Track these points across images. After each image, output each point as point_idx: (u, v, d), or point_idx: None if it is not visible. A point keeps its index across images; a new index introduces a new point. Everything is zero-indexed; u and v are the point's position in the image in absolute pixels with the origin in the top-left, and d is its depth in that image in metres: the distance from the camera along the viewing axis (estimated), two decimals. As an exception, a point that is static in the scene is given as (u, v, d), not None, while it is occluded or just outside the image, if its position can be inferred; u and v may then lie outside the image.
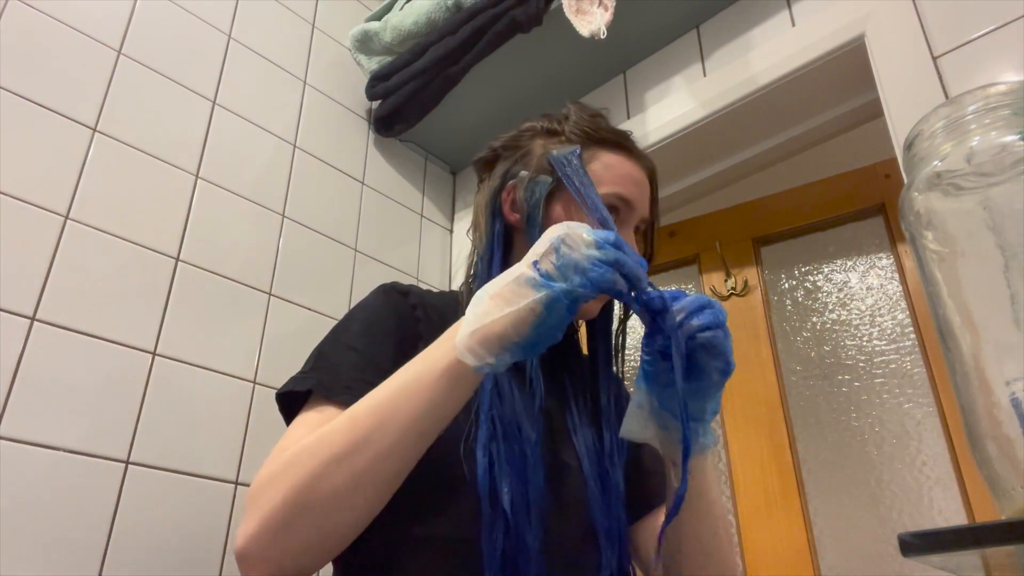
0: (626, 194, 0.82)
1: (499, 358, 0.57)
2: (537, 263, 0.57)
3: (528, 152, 0.86)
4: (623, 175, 0.83)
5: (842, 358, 1.51)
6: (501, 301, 0.57)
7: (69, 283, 1.07)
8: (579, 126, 0.85)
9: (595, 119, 0.87)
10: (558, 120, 0.87)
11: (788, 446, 1.43)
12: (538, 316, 0.56)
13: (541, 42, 1.44)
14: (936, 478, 1.30)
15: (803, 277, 1.63)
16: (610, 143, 0.84)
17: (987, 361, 0.54)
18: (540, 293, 0.56)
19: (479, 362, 0.56)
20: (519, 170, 0.84)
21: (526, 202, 0.82)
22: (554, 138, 0.85)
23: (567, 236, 0.57)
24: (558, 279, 0.56)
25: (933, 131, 0.62)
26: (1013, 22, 0.97)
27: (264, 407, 1.24)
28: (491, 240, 0.84)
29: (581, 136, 0.84)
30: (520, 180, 0.83)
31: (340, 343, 0.75)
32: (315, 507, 0.58)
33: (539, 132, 0.87)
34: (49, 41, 1.16)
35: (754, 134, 1.39)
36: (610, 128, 0.87)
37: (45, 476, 0.97)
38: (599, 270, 0.56)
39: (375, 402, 0.61)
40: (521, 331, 0.56)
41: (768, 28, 1.31)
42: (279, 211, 1.40)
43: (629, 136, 0.87)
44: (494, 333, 0.56)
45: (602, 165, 0.82)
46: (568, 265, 0.56)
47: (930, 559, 0.48)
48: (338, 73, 1.66)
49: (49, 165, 1.10)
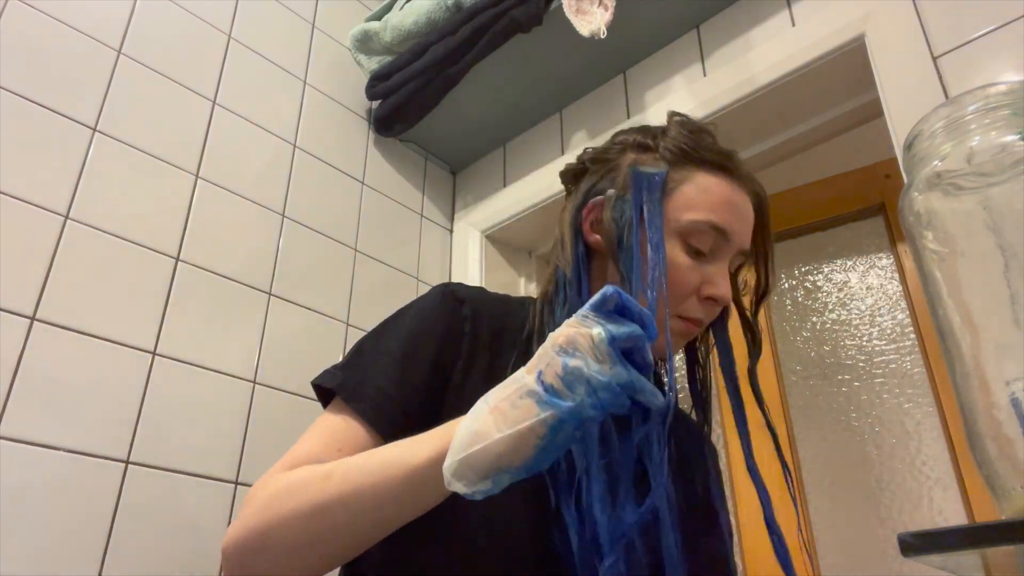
0: (720, 223, 0.73)
1: (496, 481, 0.50)
2: (541, 374, 0.50)
3: (616, 167, 0.78)
4: (719, 201, 0.74)
5: (842, 358, 1.51)
6: (500, 418, 0.50)
7: (69, 283, 1.07)
8: (676, 142, 0.77)
9: (697, 135, 0.78)
10: (654, 135, 0.79)
11: (788, 446, 1.43)
12: (542, 439, 0.49)
13: (541, 42, 1.44)
14: (936, 478, 1.30)
15: (803, 277, 1.63)
16: (710, 163, 0.75)
17: (987, 361, 0.54)
18: (544, 413, 0.49)
19: (470, 489, 0.50)
20: (605, 187, 0.77)
21: (615, 223, 0.73)
22: (646, 154, 0.77)
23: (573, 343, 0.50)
24: (565, 396, 0.49)
25: (933, 131, 0.62)
26: (1013, 22, 0.97)
27: (264, 407, 1.24)
28: (577, 262, 0.76)
29: (676, 153, 0.76)
30: (607, 199, 0.76)
31: (381, 344, 0.72)
32: (274, 548, 0.60)
33: (631, 146, 0.79)
34: (49, 41, 1.16)
35: (754, 134, 1.39)
36: (713, 147, 0.78)
37: (45, 476, 0.97)
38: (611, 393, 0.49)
39: (350, 470, 0.59)
40: (522, 454, 0.49)
41: (768, 28, 1.31)
42: (279, 211, 1.40)
43: (734, 156, 0.78)
44: (489, 456, 0.49)
45: (696, 188, 0.74)
46: (576, 379, 0.49)
47: (930, 559, 0.48)
48: (338, 73, 1.66)
49: (49, 165, 1.10)
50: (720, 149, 0.78)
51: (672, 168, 0.75)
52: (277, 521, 0.59)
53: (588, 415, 0.49)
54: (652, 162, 0.76)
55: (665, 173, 0.74)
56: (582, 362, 0.49)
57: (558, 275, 0.77)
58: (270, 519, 0.60)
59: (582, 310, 0.52)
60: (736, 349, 0.80)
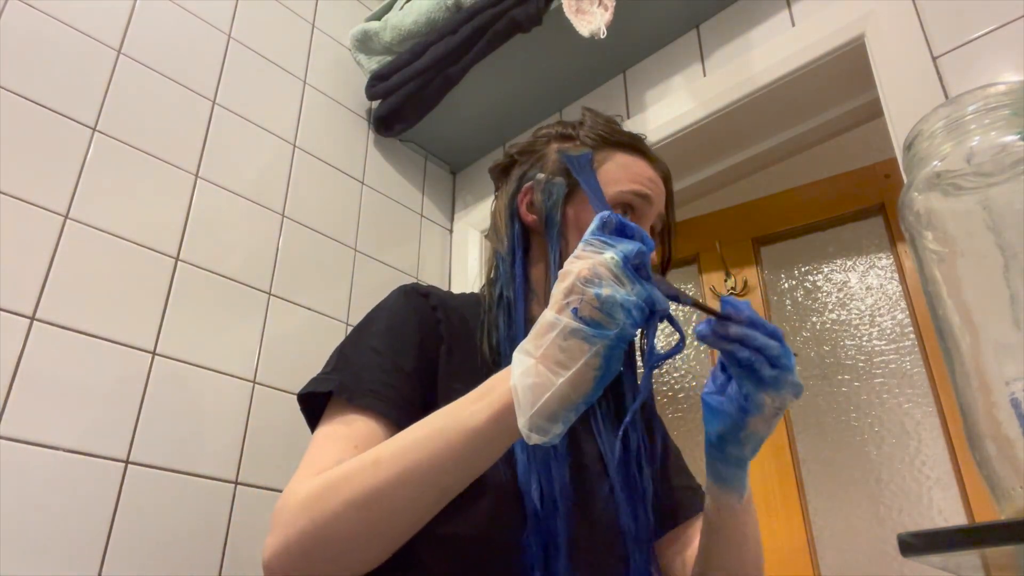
0: (642, 190, 0.84)
1: (564, 421, 0.53)
2: (577, 311, 0.52)
3: (543, 156, 0.88)
4: (638, 173, 0.85)
5: (842, 358, 1.51)
6: (553, 364, 0.52)
7: (69, 283, 1.07)
8: (593, 130, 0.87)
9: (609, 123, 0.89)
10: (572, 126, 0.89)
11: (788, 446, 1.43)
12: (599, 370, 0.52)
13: (541, 42, 1.44)
14: (936, 478, 1.30)
15: (803, 277, 1.63)
16: (625, 145, 0.87)
17: (987, 361, 0.54)
18: (596, 345, 0.52)
19: (548, 436, 0.52)
20: (535, 173, 0.87)
21: (544, 203, 0.84)
22: (568, 142, 0.88)
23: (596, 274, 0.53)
24: (608, 324, 0.52)
25: (933, 131, 0.62)
26: (1013, 22, 0.97)
27: (264, 407, 1.24)
28: (512, 241, 0.85)
29: (596, 139, 0.86)
30: (536, 182, 0.86)
31: (362, 344, 0.74)
32: (332, 544, 0.59)
33: (554, 137, 0.89)
34: (49, 41, 1.16)
35: (754, 134, 1.39)
36: (624, 131, 0.89)
37: (45, 476, 0.97)
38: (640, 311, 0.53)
39: (400, 449, 0.59)
40: (583, 390, 0.52)
41: (768, 28, 1.31)
42: (279, 211, 1.40)
43: (643, 139, 0.90)
44: (556, 403, 0.52)
45: (617, 165, 0.85)
46: (613, 305, 0.52)
47: (930, 559, 0.48)
48: (338, 73, 1.66)
49: (49, 165, 1.10)
50: (631, 133, 0.89)
51: (594, 151, 0.85)
52: (328, 517, 0.58)
53: (630, 334, 0.53)
54: (574, 148, 0.86)
55: (591, 153, 0.84)
56: (612, 290, 0.52)
57: (496, 257, 0.87)
58: (317, 518, 0.59)
59: (587, 237, 0.56)
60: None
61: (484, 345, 0.79)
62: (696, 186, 1.52)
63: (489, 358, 0.77)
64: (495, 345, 0.78)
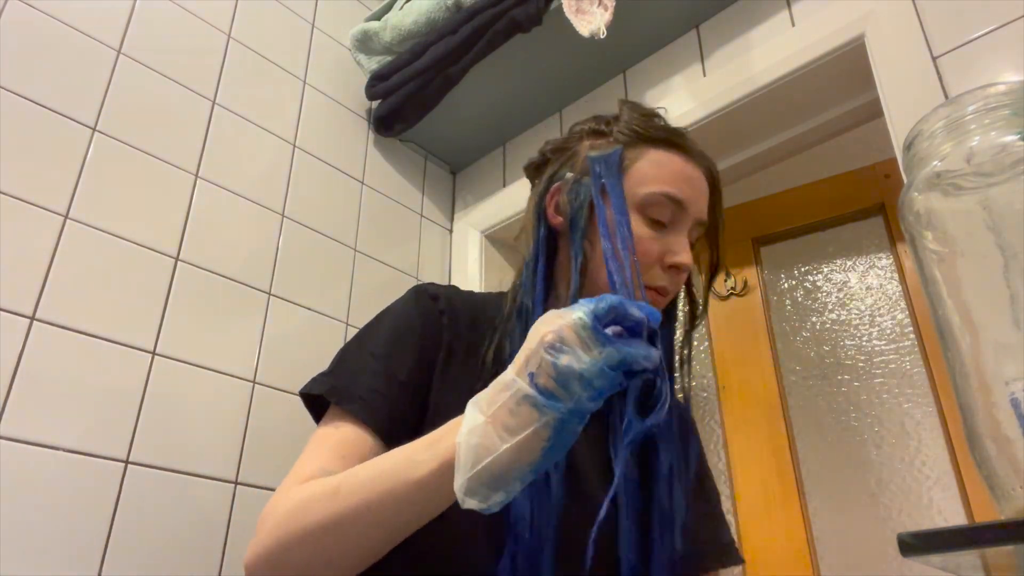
0: (675, 193, 0.76)
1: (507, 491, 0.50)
2: (534, 376, 0.49)
3: (575, 154, 0.82)
4: (674, 173, 0.77)
5: (842, 358, 1.51)
6: (501, 427, 0.50)
7: (69, 283, 1.07)
8: (628, 125, 0.80)
9: (647, 118, 0.82)
10: (607, 121, 0.83)
11: (788, 446, 1.43)
12: (547, 441, 0.49)
13: (541, 42, 1.44)
14: (936, 478, 1.30)
15: (803, 277, 1.63)
16: (661, 141, 0.79)
17: (987, 361, 0.54)
18: (545, 416, 0.49)
19: (486, 503, 0.49)
20: (564, 172, 0.81)
21: (569, 205, 0.78)
22: (601, 139, 0.81)
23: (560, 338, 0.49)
24: (562, 397, 0.49)
25: (933, 131, 0.62)
26: (1013, 22, 0.97)
27: (264, 407, 1.24)
28: (536, 246, 0.79)
29: (630, 135, 0.79)
30: (564, 182, 0.80)
31: (364, 347, 0.74)
32: (298, 562, 0.60)
33: (587, 133, 0.83)
34: (49, 41, 1.16)
35: (754, 134, 1.39)
36: (663, 125, 0.82)
37: (45, 476, 0.97)
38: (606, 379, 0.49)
39: (356, 484, 0.59)
40: (530, 458, 0.49)
41: (768, 28, 1.31)
42: (279, 211, 1.40)
43: (685, 133, 0.82)
44: (497, 469, 0.49)
45: (650, 163, 0.78)
46: (570, 378, 0.48)
47: (930, 559, 0.48)
48: (338, 73, 1.66)
49: (49, 165, 1.10)
50: (670, 127, 0.82)
51: (626, 148, 0.79)
52: (291, 540, 0.60)
53: (587, 408, 0.49)
54: (607, 145, 0.80)
55: (620, 150, 0.78)
56: (572, 357, 0.49)
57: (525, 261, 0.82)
58: (284, 537, 0.60)
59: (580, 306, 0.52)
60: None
61: (489, 352, 0.75)
62: (696, 186, 1.52)
63: (491, 367, 0.73)
64: (507, 354, 0.73)
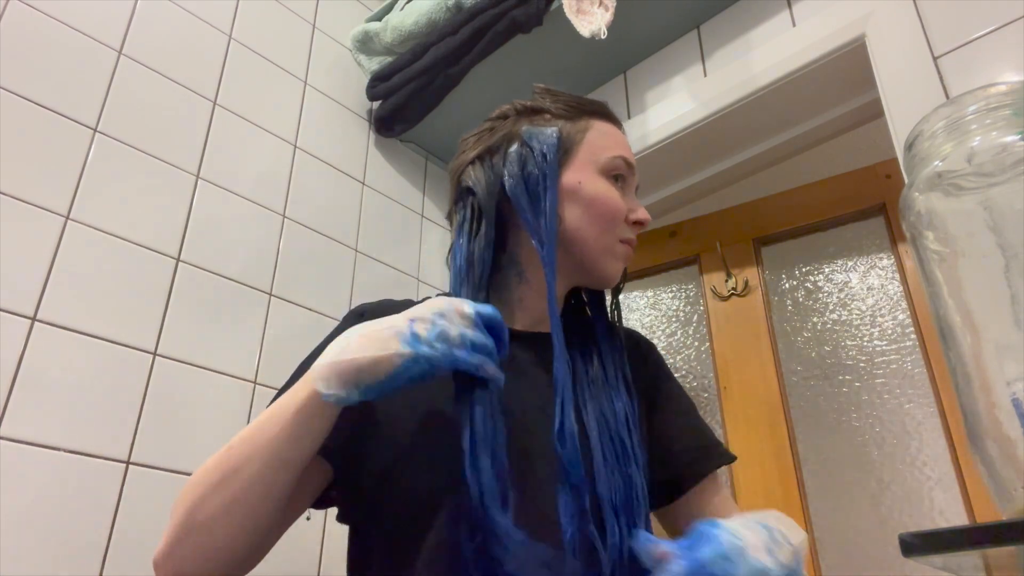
0: (628, 156, 0.83)
1: (349, 392, 0.59)
2: (413, 322, 0.60)
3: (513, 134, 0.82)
4: (619, 139, 0.84)
5: (843, 358, 1.51)
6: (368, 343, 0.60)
7: (69, 283, 1.07)
8: (561, 100, 0.83)
9: (570, 94, 0.85)
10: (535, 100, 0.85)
11: (788, 446, 1.43)
12: (395, 368, 0.58)
13: (541, 42, 1.44)
14: (937, 478, 1.30)
15: (804, 277, 1.63)
16: (599, 113, 0.85)
17: (987, 361, 0.54)
18: (405, 350, 0.58)
19: (328, 391, 0.59)
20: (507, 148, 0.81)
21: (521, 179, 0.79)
22: (539, 116, 0.83)
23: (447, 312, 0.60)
24: (425, 343, 0.59)
25: (934, 131, 0.62)
26: (1013, 22, 0.97)
27: (264, 407, 1.24)
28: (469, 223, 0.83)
29: (568, 109, 0.82)
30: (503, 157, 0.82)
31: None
32: (196, 529, 0.62)
33: (520, 113, 0.84)
34: (49, 41, 1.16)
35: (755, 134, 1.39)
36: (591, 99, 0.87)
37: (45, 476, 0.97)
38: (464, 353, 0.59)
39: (247, 433, 0.64)
40: (377, 375, 0.59)
41: (769, 28, 1.31)
42: (279, 211, 1.40)
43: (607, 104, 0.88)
44: (352, 368, 0.59)
45: (599, 133, 0.83)
46: (440, 336, 0.59)
47: (931, 559, 0.48)
48: (339, 73, 1.66)
49: (50, 166, 1.10)
50: (597, 100, 0.87)
51: (568, 121, 0.82)
52: (195, 503, 0.62)
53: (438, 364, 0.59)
54: (547, 122, 0.82)
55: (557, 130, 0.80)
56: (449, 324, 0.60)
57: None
58: (188, 506, 0.62)
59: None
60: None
61: None
62: (697, 186, 1.52)
63: None
64: None
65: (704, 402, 1.60)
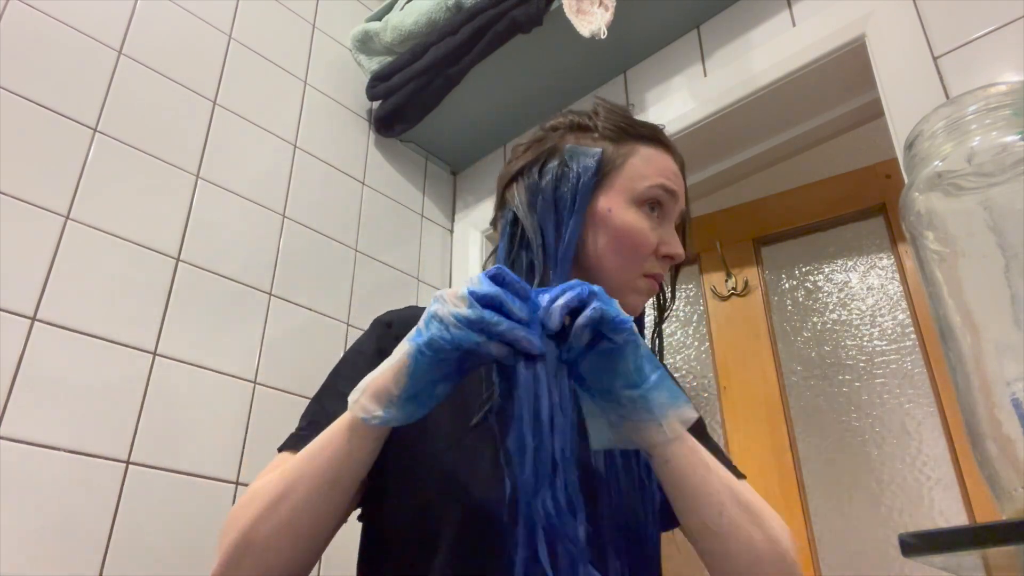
0: (670, 185, 0.80)
1: (387, 411, 0.59)
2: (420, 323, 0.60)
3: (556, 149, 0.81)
4: (664, 167, 0.81)
5: (842, 358, 1.51)
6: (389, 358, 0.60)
7: (69, 283, 1.07)
8: (611, 121, 0.82)
9: (626, 115, 0.84)
10: (588, 116, 0.84)
11: (788, 446, 1.43)
12: (407, 367, 0.58)
13: (541, 42, 1.44)
14: (937, 478, 1.30)
15: (804, 277, 1.63)
16: (647, 137, 0.82)
17: (987, 361, 0.54)
18: (407, 347, 0.59)
19: (366, 415, 0.59)
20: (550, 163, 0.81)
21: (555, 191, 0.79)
22: (586, 134, 0.82)
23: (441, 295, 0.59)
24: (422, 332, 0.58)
25: (934, 131, 0.62)
26: (1013, 22, 0.97)
27: (264, 407, 1.24)
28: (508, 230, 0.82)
29: (616, 131, 0.81)
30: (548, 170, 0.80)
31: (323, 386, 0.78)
32: (252, 551, 0.63)
33: (569, 128, 0.83)
34: (49, 41, 1.16)
35: (755, 134, 1.39)
36: (643, 122, 0.84)
37: (46, 476, 0.97)
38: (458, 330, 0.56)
39: (299, 457, 0.65)
40: (400, 382, 0.59)
41: (769, 28, 1.31)
42: (279, 211, 1.40)
43: (663, 129, 0.85)
44: (381, 388, 0.59)
45: (642, 159, 0.80)
46: (431, 318, 0.58)
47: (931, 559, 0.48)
48: (339, 73, 1.66)
49: (50, 165, 1.10)
50: (650, 124, 0.85)
51: (613, 144, 0.81)
52: (249, 524, 0.63)
53: (439, 345, 0.57)
54: (594, 141, 0.81)
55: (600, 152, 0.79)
56: (440, 306, 0.58)
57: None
58: (242, 527, 0.63)
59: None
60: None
61: None
62: (697, 186, 1.52)
63: None
64: None
65: (704, 402, 1.60)
